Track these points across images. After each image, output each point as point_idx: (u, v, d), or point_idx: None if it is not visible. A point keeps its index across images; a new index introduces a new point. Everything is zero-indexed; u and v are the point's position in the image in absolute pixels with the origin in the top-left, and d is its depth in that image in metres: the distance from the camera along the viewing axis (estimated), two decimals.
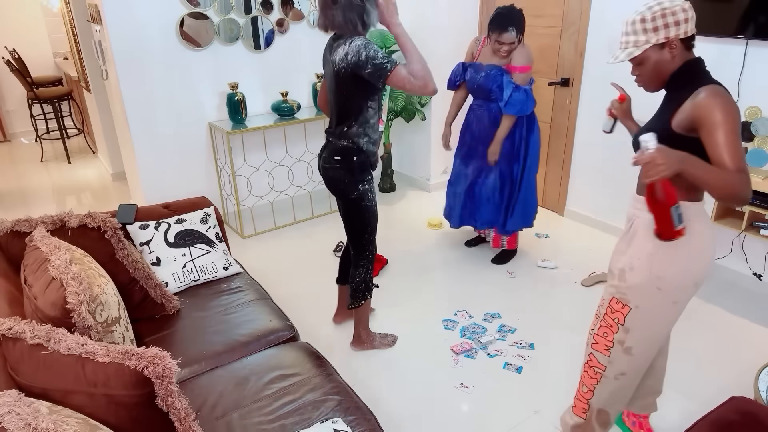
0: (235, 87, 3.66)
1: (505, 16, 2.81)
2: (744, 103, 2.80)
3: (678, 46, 1.50)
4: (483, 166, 3.20)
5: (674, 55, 1.51)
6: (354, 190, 2.26)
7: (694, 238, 1.53)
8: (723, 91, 1.42)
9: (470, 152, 3.24)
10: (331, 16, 2.07)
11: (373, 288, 2.50)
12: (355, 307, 2.48)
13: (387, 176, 4.63)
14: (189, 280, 2.33)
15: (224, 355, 1.95)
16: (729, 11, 2.72)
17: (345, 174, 2.24)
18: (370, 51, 2.00)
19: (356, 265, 2.43)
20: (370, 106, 2.18)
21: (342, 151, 2.22)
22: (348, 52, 2.02)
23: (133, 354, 1.31)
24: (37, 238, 1.83)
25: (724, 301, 2.94)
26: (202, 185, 3.89)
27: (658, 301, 1.59)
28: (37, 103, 5.74)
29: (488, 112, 3.09)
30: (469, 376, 2.45)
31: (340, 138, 2.22)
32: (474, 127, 3.18)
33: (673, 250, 1.54)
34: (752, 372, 2.40)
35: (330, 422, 1.58)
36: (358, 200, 2.27)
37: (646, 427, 2.05)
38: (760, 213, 2.65)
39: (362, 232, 2.35)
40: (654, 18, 1.47)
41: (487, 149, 3.12)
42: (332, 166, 2.25)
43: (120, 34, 3.31)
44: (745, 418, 1.53)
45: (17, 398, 1.16)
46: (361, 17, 2.07)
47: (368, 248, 2.40)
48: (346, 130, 2.20)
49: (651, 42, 1.50)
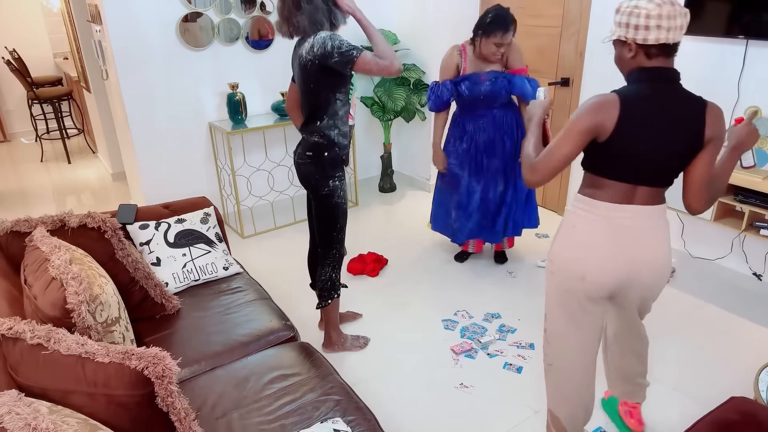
0: (235, 87, 3.66)
1: (504, 16, 2.74)
2: (744, 103, 2.80)
3: (635, 50, 1.49)
4: (494, 177, 3.07)
5: (632, 57, 1.50)
6: (325, 186, 2.29)
7: (578, 233, 1.63)
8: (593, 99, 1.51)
9: (478, 167, 3.07)
10: (296, 22, 2.10)
11: (340, 287, 2.51)
12: (322, 306, 2.50)
13: (387, 176, 4.63)
14: (189, 280, 2.33)
15: (224, 355, 1.95)
16: (729, 11, 2.72)
17: (316, 169, 2.27)
18: (335, 41, 2.05)
19: (323, 264, 2.45)
20: (338, 98, 2.22)
21: (314, 146, 2.26)
22: (314, 45, 2.07)
23: (133, 354, 1.31)
24: (37, 238, 1.83)
25: (724, 301, 2.94)
26: (202, 185, 3.89)
27: (553, 285, 1.71)
28: (37, 103, 5.74)
29: (492, 120, 2.99)
30: (469, 376, 2.45)
31: (311, 134, 2.27)
32: (478, 139, 3.02)
33: (564, 237, 1.67)
34: (752, 372, 2.40)
35: (330, 422, 1.58)
36: (328, 196, 2.31)
37: (636, 416, 2.07)
38: (760, 213, 2.65)
39: (331, 230, 2.37)
40: (622, 13, 1.48)
41: (494, 159, 3.02)
42: (304, 162, 2.30)
43: (120, 34, 3.31)
44: (745, 418, 1.53)
45: (17, 398, 1.15)
46: (329, 18, 2.13)
47: (335, 246, 2.42)
48: (318, 124, 2.23)
49: (615, 35, 1.52)
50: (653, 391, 2.30)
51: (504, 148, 3.03)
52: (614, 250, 1.59)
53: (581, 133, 1.50)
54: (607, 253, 1.59)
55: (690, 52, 2.97)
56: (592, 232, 1.60)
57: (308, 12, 2.07)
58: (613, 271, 1.60)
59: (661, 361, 2.49)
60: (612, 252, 1.59)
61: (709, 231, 3.13)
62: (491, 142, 3.01)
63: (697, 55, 2.95)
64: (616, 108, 1.47)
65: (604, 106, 1.48)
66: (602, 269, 1.61)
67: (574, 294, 1.66)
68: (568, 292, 1.67)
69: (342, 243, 2.44)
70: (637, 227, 1.59)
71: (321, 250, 2.45)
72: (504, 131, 3.01)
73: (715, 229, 3.08)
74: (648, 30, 1.43)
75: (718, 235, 3.09)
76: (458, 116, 3.10)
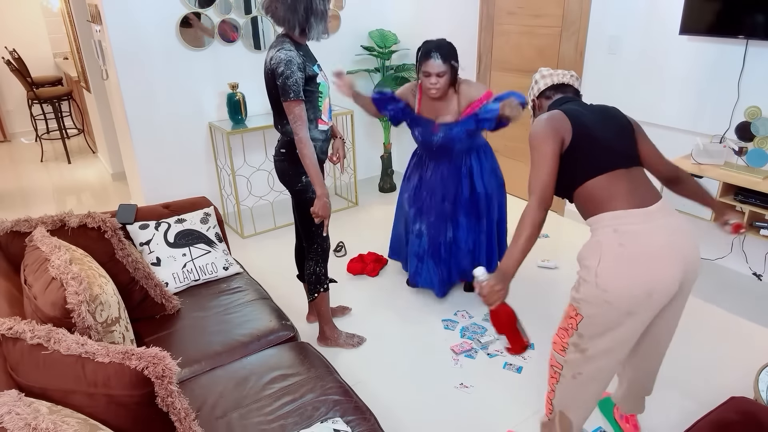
0: (235, 87, 3.66)
1: (430, 44, 2.50)
2: (744, 103, 2.80)
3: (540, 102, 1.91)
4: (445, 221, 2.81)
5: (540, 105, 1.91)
6: (298, 182, 2.32)
7: (627, 249, 1.52)
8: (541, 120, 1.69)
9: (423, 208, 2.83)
10: (274, 7, 2.11)
11: (327, 282, 2.53)
12: (312, 299, 2.54)
13: (387, 176, 4.63)
14: (189, 280, 2.33)
15: (224, 355, 1.95)
16: (729, 11, 2.72)
17: (289, 166, 2.30)
18: (288, 70, 2.07)
19: (308, 258, 2.49)
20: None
21: (285, 144, 2.30)
22: (273, 58, 2.12)
23: (133, 354, 1.31)
24: (37, 238, 1.83)
25: (724, 301, 2.94)
26: (202, 185, 3.90)
27: (609, 313, 1.56)
28: (37, 103, 5.74)
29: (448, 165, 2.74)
30: (469, 376, 2.45)
31: (283, 133, 2.31)
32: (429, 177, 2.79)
33: (614, 264, 1.53)
34: (752, 372, 2.40)
35: (330, 422, 1.58)
36: (302, 192, 2.33)
37: (632, 422, 2.07)
38: (760, 213, 2.65)
39: (310, 224, 2.39)
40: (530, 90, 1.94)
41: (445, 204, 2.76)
42: (279, 159, 2.34)
43: (120, 34, 3.31)
44: (745, 418, 1.53)
45: (17, 398, 1.16)
46: (304, 19, 2.10)
47: (317, 241, 2.44)
48: (286, 127, 2.25)
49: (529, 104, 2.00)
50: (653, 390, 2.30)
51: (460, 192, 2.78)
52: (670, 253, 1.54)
53: (554, 150, 1.62)
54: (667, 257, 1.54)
55: (690, 52, 2.97)
56: (642, 244, 1.53)
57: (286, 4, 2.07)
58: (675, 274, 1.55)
59: None
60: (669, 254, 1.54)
61: (709, 231, 3.13)
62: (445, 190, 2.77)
63: (697, 55, 2.95)
64: (564, 118, 1.66)
65: (557, 121, 1.66)
66: (668, 276, 1.54)
67: (640, 315, 1.57)
68: (633, 315, 1.56)
69: (324, 238, 2.44)
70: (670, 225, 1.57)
71: (305, 245, 2.49)
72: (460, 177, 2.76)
73: (715, 229, 3.08)
74: (537, 83, 1.90)
75: (718, 235, 3.10)
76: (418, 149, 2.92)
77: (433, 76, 2.51)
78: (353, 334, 2.68)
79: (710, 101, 2.95)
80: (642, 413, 2.06)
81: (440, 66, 2.48)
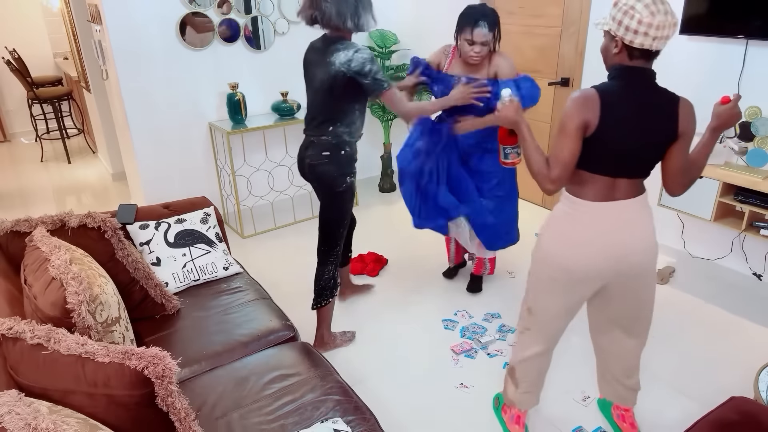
0: (235, 87, 3.66)
1: (473, 11, 2.44)
2: (744, 103, 2.80)
3: (620, 48, 1.56)
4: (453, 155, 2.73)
5: (616, 53, 1.58)
6: (342, 183, 2.34)
7: (564, 229, 1.72)
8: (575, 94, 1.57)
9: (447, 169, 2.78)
10: (324, 8, 2.12)
11: (338, 286, 2.55)
12: (320, 306, 2.51)
13: (387, 176, 4.63)
14: (189, 280, 2.33)
15: (224, 355, 1.95)
16: (729, 11, 2.72)
17: (335, 168, 2.32)
18: (374, 66, 2.15)
19: (325, 262, 2.48)
20: (357, 108, 2.30)
21: (329, 146, 2.31)
22: (352, 60, 2.12)
23: (133, 354, 1.31)
24: (37, 238, 1.83)
25: (724, 301, 2.94)
26: (202, 185, 3.89)
27: (542, 273, 1.81)
28: (37, 103, 5.74)
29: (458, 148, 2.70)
30: (469, 376, 2.45)
31: (322, 136, 2.31)
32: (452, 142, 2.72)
33: (552, 234, 1.76)
34: (752, 372, 2.40)
35: (330, 422, 1.58)
36: (344, 192, 2.36)
37: (629, 420, 2.07)
38: (760, 213, 2.65)
39: (338, 227, 2.41)
40: (618, 9, 1.52)
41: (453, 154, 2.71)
42: (321, 162, 2.33)
43: (120, 34, 3.31)
44: (745, 418, 1.53)
45: (17, 398, 1.16)
46: (354, 15, 2.14)
47: (339, 243, 2.47)
48: (331, 129, 2.28)
49: (607, 26, 1.57)
50: (653, 390, 2.30)
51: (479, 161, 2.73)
52: (599, 248, 1.68)
53: (578, 128, 1.57)
54: (593, 250, 1.68)
55: (690, 52, 2.97)
56: (577, 231, 1.69)
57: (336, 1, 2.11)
58: (598, 267, 1.70)
59: (661, 361, 2.49)
60: (597, 249, 1.68)
61: (709, 231, 3.13)
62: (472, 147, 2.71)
63: (697, 55, 2.95)
64: (597, 105, 1.55)
65: (587, 102, 1.56)
66: (588, 265, 1.70)
67: (559, 284, 1.77)
68: (555, 281, 1.78)
69: (343, 239, 2.50)
70: (622, 220, 1.67)
71: (324, 248, 2.47)
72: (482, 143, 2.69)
73: (715, 229, 3.08)
74: (636, 34, 1.49)
75: (718, 235, 3.09)
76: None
77: (478, 44, 2.46)
78: (344, 332, 2.69)
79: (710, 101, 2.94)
80: (632, 406, 2.07)
81: (486, 35, 2.44)
